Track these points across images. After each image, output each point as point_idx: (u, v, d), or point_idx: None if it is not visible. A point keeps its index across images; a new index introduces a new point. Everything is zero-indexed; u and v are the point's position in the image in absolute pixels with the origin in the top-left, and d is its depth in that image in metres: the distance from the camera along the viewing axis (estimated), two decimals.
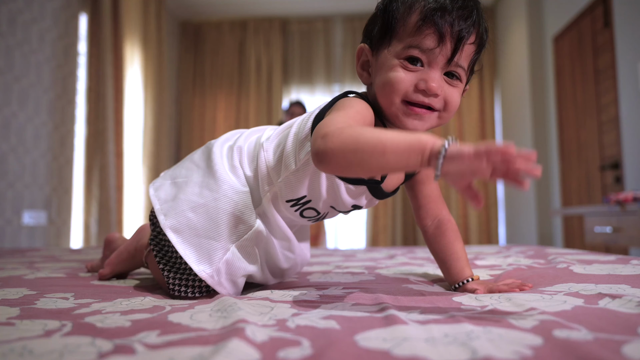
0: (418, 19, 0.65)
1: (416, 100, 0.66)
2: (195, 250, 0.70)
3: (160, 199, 0.76)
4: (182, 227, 0.71)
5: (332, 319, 0.50)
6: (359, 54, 0.74)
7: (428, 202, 0.80)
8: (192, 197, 0.73)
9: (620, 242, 2.22)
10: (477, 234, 5.09)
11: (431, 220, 0.80)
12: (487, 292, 0.67)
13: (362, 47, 0.73)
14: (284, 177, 0.72)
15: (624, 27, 2.93)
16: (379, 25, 0.70)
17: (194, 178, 0.76)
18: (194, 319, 0.51)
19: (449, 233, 0.78)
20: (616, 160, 3.04)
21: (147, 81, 4.31)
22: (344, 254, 1.35)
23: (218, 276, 0.70)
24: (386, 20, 0.68)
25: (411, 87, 0.65)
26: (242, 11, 5.26)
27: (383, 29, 0.69)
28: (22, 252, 1.59)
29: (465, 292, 0.70)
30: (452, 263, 0.76)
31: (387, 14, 0.68)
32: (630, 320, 0.46)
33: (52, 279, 0.88)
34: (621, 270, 0.77)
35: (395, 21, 0.67)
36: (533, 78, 4.16)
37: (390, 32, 0.68)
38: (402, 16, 0.66)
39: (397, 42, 0.67)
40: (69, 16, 3.37)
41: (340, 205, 0.75)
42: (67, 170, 3.34)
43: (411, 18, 0.66)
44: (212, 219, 0.71)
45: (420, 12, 0.65)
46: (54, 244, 3.16)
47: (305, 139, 0.70)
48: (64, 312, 0.56)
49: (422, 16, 0.64)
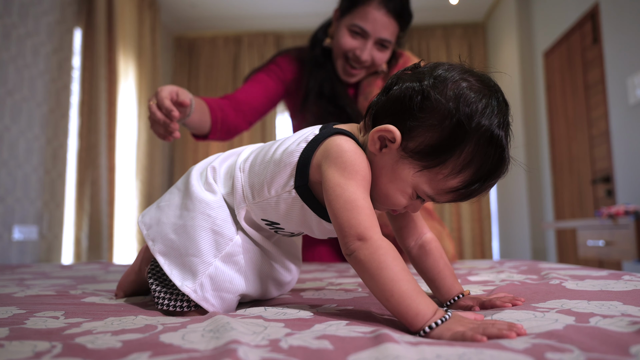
0: (455, 187, 0.65)
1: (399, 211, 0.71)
2: (180, 269, 0.72)
3: (145, 225, 0.79)
4: (168, 250, 0.73)
5: (326, 338, 0.49)
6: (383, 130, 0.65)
7: (410, 222, 0.79)
8: (172, 219, 0.75)
9: (613, 255, 2.23)
10: (471, 247, 5.09)
11: (414, 241, 0.79)
12: (480, 307, 0.68)
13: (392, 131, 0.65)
14: (257, 201, 0.74)
15: (612, 42, 2.98)
16: (430, 142, 0.63)
17: (175, 201, 0.78)
18: (186, 339, 0.50)
19: (434, 252, 0.78)
20: (607, 173, 3.07)
21: (141, 95, 4.32)
22: (338, 269, 1.35)
23: (202, 291, 0.70)
24: (439, 151, 0.63)
25: (403, 208, 0.70)
26: (236, 26, 5.29)
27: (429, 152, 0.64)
28: (12, 269, 1.57)
29: (459, 309, 0.70)
30: (441, 281, 0.76)
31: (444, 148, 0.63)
32: (622, 339, 0.46)
33: (42, 296, 0.87)
34: (613, 287, 0.77)
35: (442, 166, 0.64)
36: (524, 92, 4.21)
37: (432, 164, 0.64)
38: (452, 168, 0.64)
39: (426, 180, 0.65)
40: (63, 31, 3.38)
41: (315, 234, 0.77)
42: (59, 184, 3.31)
43: (454, 180, 0.64)
44: (191, 237, 0.72)
45: (462, 183, 0.64)
46: (45, 259, 3.13)
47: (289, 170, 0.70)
48: (54, 332, 0.56)
49: (460, 187, 0.65)
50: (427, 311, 0.55)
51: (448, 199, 0.67)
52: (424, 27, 5.12)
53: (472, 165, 0.62)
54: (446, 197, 0.66)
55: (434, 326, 0.53)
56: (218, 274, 0.71)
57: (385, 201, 0.69)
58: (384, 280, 0.57)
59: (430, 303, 0.56)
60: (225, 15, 5.05)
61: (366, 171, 0.66)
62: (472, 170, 0.63)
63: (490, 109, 0.63)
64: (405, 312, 0.55)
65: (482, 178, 0.63)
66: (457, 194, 0.65)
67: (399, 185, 0.66)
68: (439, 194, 0.66)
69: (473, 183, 0.63)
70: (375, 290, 0.58)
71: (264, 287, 0.79)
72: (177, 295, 0.72)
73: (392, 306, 0.56)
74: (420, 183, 0.65)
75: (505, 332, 0.49)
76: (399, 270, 0.58)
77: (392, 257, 0.59)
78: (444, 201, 0.67)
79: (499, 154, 0.63)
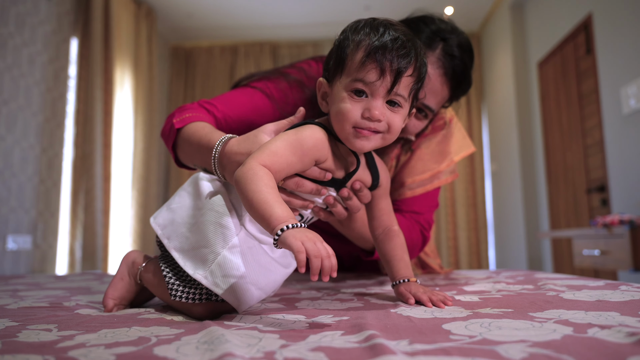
0: (363, 56, 0.77)
1: (363, 126, 0.79)
2: (193, 261, 0.78)
3: (160, 225, 0.86)
4: (182, 246, 0.80)
5: (321, 350, 0.49)
6: (319, 87, 0.86)
7: (382, 214, 0.94)
8: (186, 219, 0.83)
9: (609, 265, 2.23)
10: (467, 257, 5.09)
11: (381, 229, 0.94)
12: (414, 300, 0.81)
13: (320, 81, 0.86)
14: None
15: (606, 53, 3.01)
16: (333, 59, 0.83)
17: (186, 203, 0.86)
18: (180, 352, 0.50)
19: (395, 239, 0.92)
20: (602, 183, 3.08)
21: (137, 104, 4.32)
22: (333, 278, 1.34)
23: (212, 277, 0.75)
24: (338, 55, 0.81)
25: (359, 115, 0.78)
26: (232, 36, 5.32)
27: (336, 63, 0.82)
28: (6, 279, 1.55)
29: (399, 293, 0.85)
30: (395, 265, 0.90)
31: (340, 50, 0.81)
32: (619, 350, 0.45)
33: (35, 308, 0.86)
34: (610, 297, 0.77)
35: (346, 56, 0.80)
36: (519, 103, 4.24)
37: (341, 66, 0.81)
38: (351, 52, 0.79)
39: (346, 76, 0.79)
40: (59, 40, 3.38)
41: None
42: (54, 194, 3.30)
43: (357, 55, 0.78)
44: (202, 232, 0.79)
45: (365, 50, 0.77)
46: (39, 269, 3.11)
47: None
48: (46, 345, 0.55)
49: (366, 53, 0.77)
50: (281, 215, 0.65)
51: (375, 72, 0.76)
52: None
53: (362, 39, 0.78)
54: (370, 70, 0.76)
55: (285, 229, 0.62)
56: (226, 262, 0.76)
57: (340, 119, 0.79)
58: (249, 192, 0.69)
59: (285, 209, 0.66)
60: (222, 25, 5.07)
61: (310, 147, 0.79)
62: (365, 39, 0.78)
63: (358, 21, 0.83)
64: (262, 215, 0.66)
65: (375, 34, 0.78)
66: (373, 58, 0.76)
67: (338, 98, 0.80)
68: (359, 70, 0.77)
69: (372, 41, 0.77)
70: (244, 202, 0.70)
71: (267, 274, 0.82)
72: (190, 288, 0.77)
73: (254, 212, 0.68)
74: (345, 80, 0.79)
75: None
76: (263, 185, 0.69)
77: (260, 177, 0.71)
78: (376, 78, 0.76)
79: (378, 23, 0.80)
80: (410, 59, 0.78)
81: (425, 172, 1.25)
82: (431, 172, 1.25)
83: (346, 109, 0.78)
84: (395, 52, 0.76)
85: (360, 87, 0.77)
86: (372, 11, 4.67)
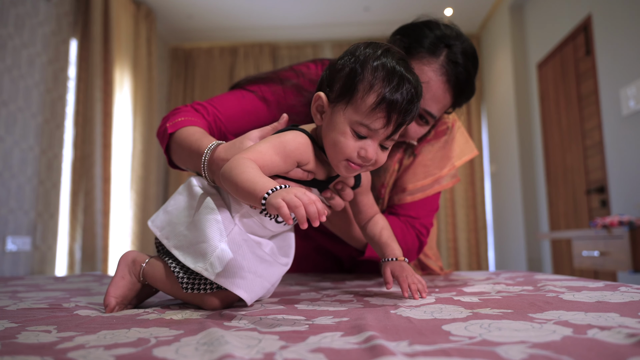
0: (374, 102, 0.79)
1: (356, 162, 0.84)
2: (193, 256, 0.82)
3: (158, 227, 0.90)
4: (181, 244, 0.85)
5: (321, 351, 0.49)
6: (316, 99, 0.87)
7: (366, 208, 1.01)
8: (183, 219, 0.88)
9: (608, 266, 2.23)
10: (466, 258, 5.09)
11: (367, 220, 1.02)
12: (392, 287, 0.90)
13: (319, 95, 0.86)
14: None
15: (605, 54, 3.01)
16: (341, 84, 0.83)
17: (181, 204, 0.90)
18: (179, 353, 0.50)
19: (379, 224, 1.00)
20: (601, 184, 3.08)
21: (136, 105, 4.32)
22: (333, 279, 1.34)
23: (212, 269, 0.79)
24: (348, 85, 0.82)
25: (355, 153, 0.82)
26: (232, 37, 5.32)
27: (343, 90, 0.82)
28: (5, 281, 1.55)
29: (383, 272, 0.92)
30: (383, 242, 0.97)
31: (350, 80, 0.82)
32: (619, 351, 0.45)
33: (34, 310, 0.86)
34: (610, 298, 0.77)
35: (356, 91, 0.81)
36: (518, 104, 4.24)
37: (349, 96, 0.82)
38: (363, 90, 0.80)
39: (352, 112, 0.81)
40: (59, 41, 3.38)
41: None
42: (54, 195, 3.30)
43: (369, 97, 0.80)
44: (200, 229, 0.82)
45: (377, 96, 0.79)
46: (38, 271, 3.11)
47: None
48: (46, 346, 0.55)
49: (378, 101, 0.79)
50: (264, 185, 0.69)
51: (381, 121, 0.80)
52: None
53: (376, 79, 0.79)
54: (378, 119, 0.79)
55: (270, 193, 0.66)
56: (224, 254, 0.79)
57: (336, 150, 0.83)
58: (234, 176, 0.73)
59: (268, 180, 0.70)
60: (221, 26, 5.08)
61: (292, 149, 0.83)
62: (379, 83, 0.79)
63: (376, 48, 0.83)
64: (248, 190, 0.70)
65: (391, 83, 0.79)
66: (383, 108, 0.79)
67: (339, 129, 0.82)
68: (368, 116, 0.79)
69: (386, 90, 0.79)
70: (231, 188, 0.75)
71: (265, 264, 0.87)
72: (201, 279, 0.82)
73: (240, 191, 0.72)
74: (351, 115, 0.81)
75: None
76: (247, 167, 0.74)
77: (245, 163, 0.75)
78: (381, 126, 0.80)
79: (393, 66, 0.80)
80: (415, 113, 0.83)
81: (427, 177, 1.25)
82: (433, 177, 1.25)
83: (345, 145, 0.82)
84: (405, 107, 0.80)
85: (363, 132, 0.81)
86: (372, 12, 4.67)
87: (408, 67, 0.83)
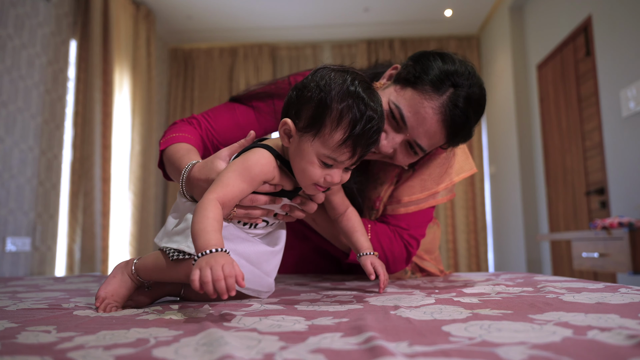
0: (341, 139, 0.83)
1: (322, 185, 0.90)
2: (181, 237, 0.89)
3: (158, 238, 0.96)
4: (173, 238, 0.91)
5: (320, 352, 0.49)
6: (283, 124, 0.90)
7: (338, 205, 1.09)
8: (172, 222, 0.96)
9: (608, 267, 2.23)
10: (466, 259, 5.09)
11: (339, 214, 1.10)
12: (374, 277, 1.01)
13: (286, 121, 0.89)
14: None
15: (605, 55, 3.02)
16: (308, 116, 0.86)
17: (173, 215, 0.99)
18: (179, 354, 0.50)
19: (351, 220, 1.09)
20: (601, 185, 3.08)
21: (135, 106, 4.32)
22: (333, 280, 1.34)
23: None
24: (316, 117, 0.85)
25: (321, 179, 0.89)
26: (231, 38, 5.32)
27: (311, 122, 0.86)
28: (5, 281, 1.55)
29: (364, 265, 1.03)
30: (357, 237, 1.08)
31: (318, 114, 0.85)
32: (619, 353, 0.45)
33: (34, 310, 0.86)
34: (610, 299, 0.77)
35: (324, 126, 0.84)
36: (518, 105, 4.24)
37: (316, 130, 0.85)
38: (331, 123, 0.84)
39: (319, 145, 0.85)
40: (58, 42, 3.38)
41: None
42: (53, 196, 3.29)
43: (337, 134, 0.84)
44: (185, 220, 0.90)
45: (344, 133, 0.83)
46: (38, 271, 3.10)
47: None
48: (45, 347, 0.55)
49: (345, 138, 0.83)
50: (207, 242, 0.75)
51: (347, 154, 0.85)
52: (418, 40, 5.16)
53: (343, 117, 0.83)
54: (345, 153, 0.85)
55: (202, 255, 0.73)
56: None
57: (304, 176, 0.89)
58: (194, 223, 0.80)
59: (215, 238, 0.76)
60: (221, 27, 5.08)
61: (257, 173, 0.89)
62: (347, 120, 0.83)
63: (343, 78, 0.85)
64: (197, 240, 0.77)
65: (358, 122, 0.83)
66: (350, 144, 0.84)
67: (307, 158, 0.87)
68: (335, 151, 0.85)
69: (353, 128, 0.83)
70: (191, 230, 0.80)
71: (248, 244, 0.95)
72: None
73: (193, 237, 0.78)
74: (318, 148, 0.86)
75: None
76: (203, 217, 0.79)
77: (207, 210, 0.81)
78: (346, 159, 0.86)
79: (359, 100, 0.83)
80: (377, 141, 0.89)
81: (423, 191, 1.25)
82: (429, 191, 1.25)
83: (313, 172, 0.88)
84: (370, 138, 0.85)
85: (330, 162, 0.87)
86: (372, 13, 4.67)
87: (373, 96, 0.86)
